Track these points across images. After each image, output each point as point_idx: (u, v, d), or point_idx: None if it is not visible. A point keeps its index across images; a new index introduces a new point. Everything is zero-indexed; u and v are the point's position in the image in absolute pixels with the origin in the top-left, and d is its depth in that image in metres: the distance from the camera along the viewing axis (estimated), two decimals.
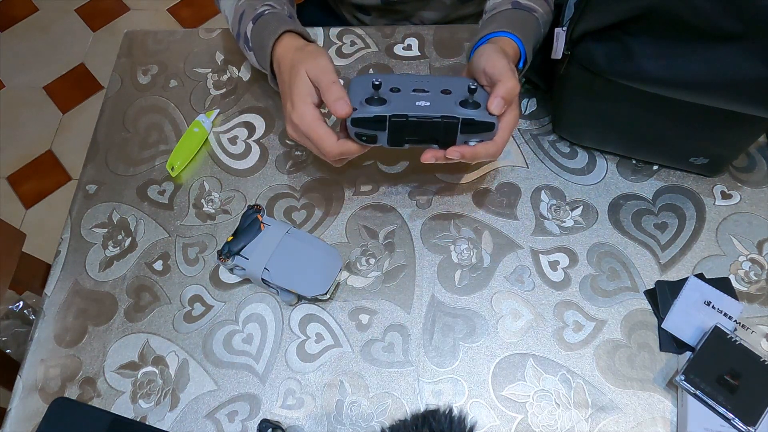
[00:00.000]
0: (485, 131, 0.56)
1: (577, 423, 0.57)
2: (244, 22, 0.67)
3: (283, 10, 0.67)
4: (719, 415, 0.54)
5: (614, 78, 0.59)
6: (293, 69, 0.59)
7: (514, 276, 0.64)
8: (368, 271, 0.65)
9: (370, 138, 0.56)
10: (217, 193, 0.71)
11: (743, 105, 0.56)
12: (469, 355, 0.61)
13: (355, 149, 0.58)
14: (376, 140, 0.56)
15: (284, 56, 0.62)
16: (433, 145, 0.57)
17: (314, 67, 0.57)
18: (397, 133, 0.55)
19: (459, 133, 0.55)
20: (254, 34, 0.66)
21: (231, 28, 0.72)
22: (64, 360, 0.62)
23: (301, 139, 0.60)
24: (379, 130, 0.55)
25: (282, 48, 0.63)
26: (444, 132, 0.55)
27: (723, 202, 0.68)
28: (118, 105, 0.78)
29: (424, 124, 0.55)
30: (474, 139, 0.56)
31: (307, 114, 0.57)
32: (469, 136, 0.56)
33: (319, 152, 0.59)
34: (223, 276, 0.65)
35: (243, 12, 0.68)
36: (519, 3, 0.67)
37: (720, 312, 0.59)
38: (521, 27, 0.65)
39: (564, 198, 0.69)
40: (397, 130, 0.55)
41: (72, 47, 1.96)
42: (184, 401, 0.59)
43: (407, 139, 0.56)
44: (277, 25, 0.64)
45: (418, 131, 0.55)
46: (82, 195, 0.71)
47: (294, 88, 0.58)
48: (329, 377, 0.60)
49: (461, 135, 0.56)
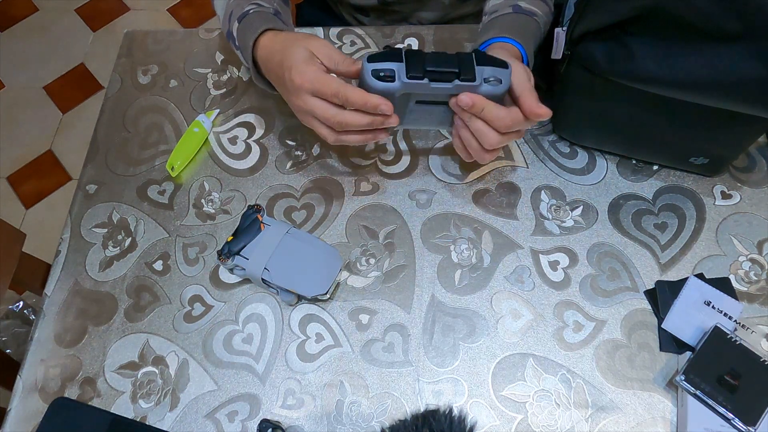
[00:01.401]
0: (499, 66, 0.55)
1: (577, 423, 0.57)
2: (232, 21, 0.68)
3: (269, 9, 0.67)
4: (719, 415, 0.54)
5: (614, 78, 0.59)
6: (285, 48, 0.58)
7: (514, 276, 0.64)
8: (368, 271, 0.65)
9: (387, 74, 0.53)
10: (217, 193, 0.71)
11: (743, 105, 0.56)
12: (469, 355, 0.61)
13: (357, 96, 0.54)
14: (395, 76, 0.54)
15: (267, 47, 0.62)
16: (455, 80, 0.55)
17: (314, 42, 0.58)
18: (415, 61, 0.54)
19: (476, 64, 0.55)
20: (239, 32, 0.66)
21: (222, 27, 0.72)
22: (64, 360, 0.62)
23: (306, 113, 0.58)
24: (396, 61, 0.54)
25: (264, 41, 0.62)
26: (460, 62, 0.54)
27: (723, 202, 0.68)
28: (118, 105, 0.78)
29: (441, 55, 0.54)
30: (491, 75, 0.55)
31: (307, 69, 0.56)
32: (486, 69, 0.55)
33: (322, 120, 0.57)
34: (223, 276, 0.65)
35: (231, 11, 0.68)
36: (520, 7, 0.67)
37: (720, 312, 0.59)
38: (522, 32, 0.65)
39: (564, 198, 0.69)
40: (415, 59, 0.54)
41: (72, 47, 1.96)
42: (184, 401, 0.59)
43: (428, 70, 0.54)
44: (259, 23, 0.64)
45: (436, 61, 0.54)
46: (82, 195, 0.71)
47: (289, 57, 0.57)
48: (329, 377, 0.60)
49: (478, 67, 0.55)
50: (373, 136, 0.59)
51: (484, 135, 0.57)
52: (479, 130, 0.57)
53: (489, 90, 0.55)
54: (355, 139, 0.59)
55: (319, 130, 0.59)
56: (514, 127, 0.57)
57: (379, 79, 0.53)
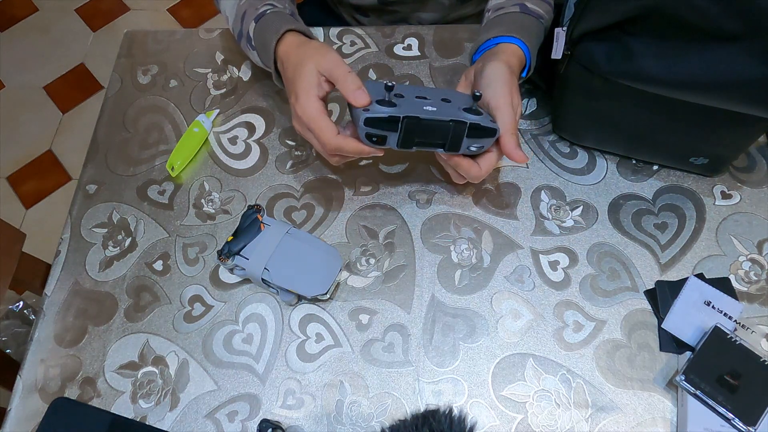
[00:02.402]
0: (487, 137, 0.58)
1: (577, 423, 0.57)
2: (246, 21, 0.67)
3: (285, 9, 0.67)
4: (719, 415, 0.54)
5: (614, 78, 0.59)
6: (299, 64, 0.59)
7: (514, 276, 0.64)
8: (368, 271, 0.65)
9: (380, 139, 0.56)
10: (217, 193, 0.71)
11: (743, 105, 0.56)
12: (469, 355, 0.61)
13: (352, 147, 0.58)
14: (386, 142, 0.57)
15: (288, 53, 0.62)
16: (439, 149, 0.59)
17: (325, 61, 0.58)
18: (409, 134, 0.56)
19: (465, 136, 0.57)
20: (257, 33, 0.66)
21: (232, 27, 0.72)
22: (64, 360, 0.62)
23: (304, 132, 0.61)
24: (390, 131, 0.56)
25: (285, 46, 0.63)
26: (452, 135, 0.57)
27: (723, 202, 0.68)
28: (118, 105, 0.78)
29: (435, 127, 0.56)
30: (475, 144, 0.59)
31: (309, 105, 0.58)
32: (473, 141, 0.58)
33: (319, 145, 0.60)
34: (223, 276, 0.65)
35: (245, 11, 0.68)
36: (527, 7, 0.67)
37: (720, 312, 0.59)
38: (528, 33, 0.65)
39: (564, 198, 0.69)
40: (409, 132, 0.56)
41: (72, 47, 1.96)
42: (184, 401, 0.59)
43: (417, 141, 0.57)
44: (279, 24, 0.64)
45: (428, 133, 0.57)
46: (82, 195, 0.71)
47: (298, 82, 0.59)
48: (329, 377, 0.60)
49: (467, 139, 0.58)
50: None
51: (472, 177, 0.61)
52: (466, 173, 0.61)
53: (470, 152, 0.60)
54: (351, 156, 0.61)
55: (315, 145, 0.61)
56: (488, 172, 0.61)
57: (372, 141, 0.57)
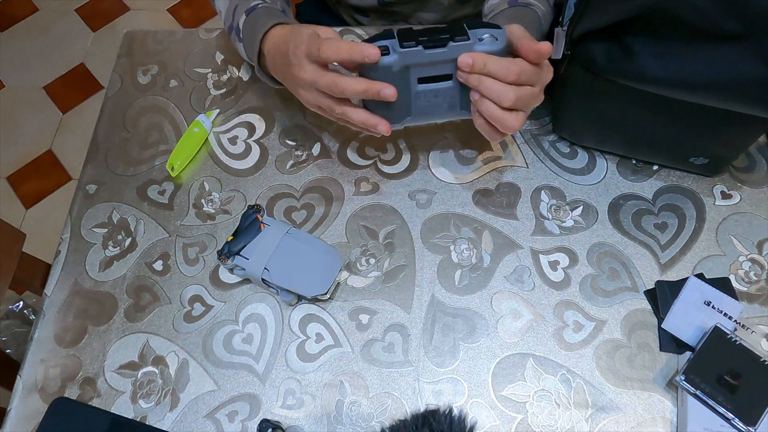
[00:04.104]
0: (494, 27, 0.55)
1: (577, 423, 0.57)
2: (237, 14, 0.68)
3: (276, 5, 0.68)
4: (719, 415, 0.54)
5: (614, 78, 0.59)
6: (293, 31, 0.59)
7: (514, 276, 0.64)
8: (368, 271, 0.65)
9: (381, 49, 0.54)
10: (217, 193, 0.71)
11: (743, 105, 0.56)
12: (469, 355, 0.61)
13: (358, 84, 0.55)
14: (389, 50, 0.55)
15: (278, 38, 0.62)
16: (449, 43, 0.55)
17: (320, 30, 0.58)
18: (407, 34, 0.55)
19: (468, 27, 0.55)
20: (246, 25, 0.67)
21: (224, 21, 0.73)
22: (64, 360, 0.62)
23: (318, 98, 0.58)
24: (389, 38, 0.55)
25: (272, 38, 0.63)
26: (452, 28, 0.55)
27: (723, 202, 0.68)
28: (118, 105, 0.78)
29: (432, 27, 0.56)
30: (486, 34, 0.55)
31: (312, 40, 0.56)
32: (478, 31, 0.55)
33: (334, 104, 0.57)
34: (223, 276, 0.65)
35: (237, 5, 0.69)
36: (516, 0, 0.67)
37: (720, 312, 0.59)
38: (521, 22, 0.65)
39: (564, 198, 0.69)
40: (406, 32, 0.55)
41: (72, 47, 1.96)
42: (184, 401, 0.59)
43: (420, 39, 0.55)
44: (268, 18, 0.64)
45: (427, 30, 0.56)
46: (82, 195, 0.71)
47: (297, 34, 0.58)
48: (329, 377, 0.60)
49: (470, 30, 0.55)
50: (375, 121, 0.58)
51: (499, 93, 0.54)
52: (491, 89, 0.54)
53: (486, 48, 0.55)
54: (358, 118, 0.58)
55: (323, 102, 0.58)
56: (523, 75, 0.54)
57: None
